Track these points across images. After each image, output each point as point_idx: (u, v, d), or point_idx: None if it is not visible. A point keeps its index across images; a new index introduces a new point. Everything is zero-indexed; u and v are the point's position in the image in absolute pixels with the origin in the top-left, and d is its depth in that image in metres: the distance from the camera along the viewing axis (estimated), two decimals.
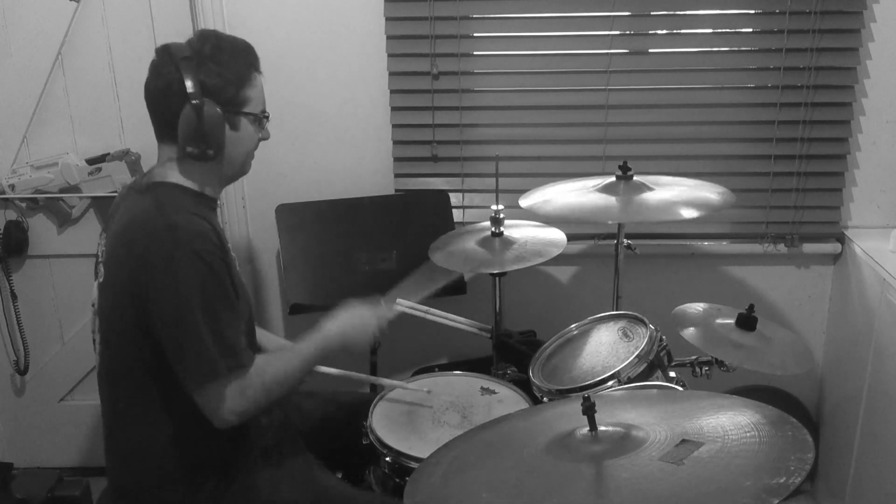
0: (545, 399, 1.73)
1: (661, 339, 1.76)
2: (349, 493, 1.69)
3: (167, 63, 1.52)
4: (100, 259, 1.61)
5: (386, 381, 1.92)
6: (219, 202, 2.44)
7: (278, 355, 1.64)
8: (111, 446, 1.63)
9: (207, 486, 1.59)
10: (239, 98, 1.56)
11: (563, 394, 1.69)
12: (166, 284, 1.45)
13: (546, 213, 2.02)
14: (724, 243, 2.51)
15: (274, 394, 1.56)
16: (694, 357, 1.84)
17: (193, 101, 1.48)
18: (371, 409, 1.81)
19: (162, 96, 1.53)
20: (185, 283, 1.45)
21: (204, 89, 1.50)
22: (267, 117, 1.65)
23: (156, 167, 1.61)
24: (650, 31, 2.36)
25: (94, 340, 1.64)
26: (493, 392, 1.89)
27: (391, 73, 2.41)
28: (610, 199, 1.96)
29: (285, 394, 1.60)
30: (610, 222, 2.25)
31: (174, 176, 1.57)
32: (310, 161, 2.50)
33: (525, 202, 2.06)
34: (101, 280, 1.59)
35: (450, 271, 1.99)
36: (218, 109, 1.51)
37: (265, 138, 1.66)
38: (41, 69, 2.40)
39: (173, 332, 1.46)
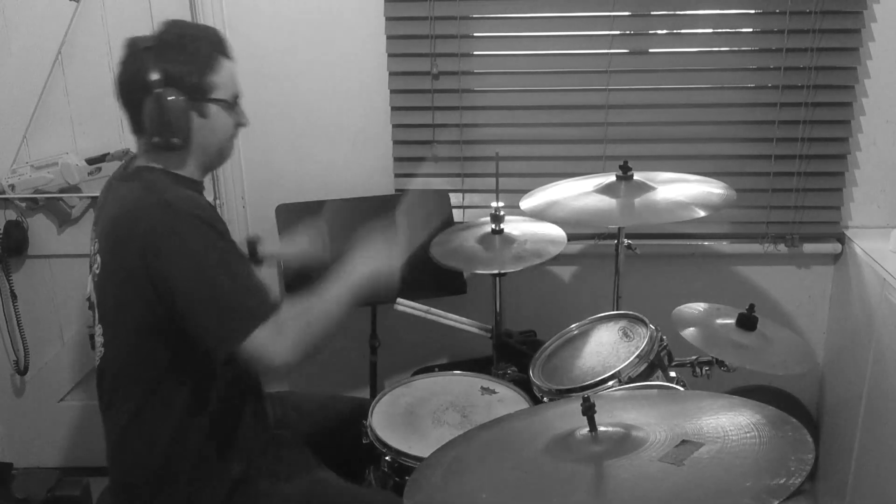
0: (545, 399, 1.73)
1: (661, 339, 1.76)
2: (346, 487, 1.69)
3: (133, 55, 1.52)
4: (93, 251, 1.61)
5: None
6: (218, 201, 2.49)
7: (304, 298, 1.53)
8: (113, 442, 1.63)
9: (208, 482, 1.59)
10: (204, 85, 1.54)
11: (564, 394, 1.68)
12: (178, 257, 1.44)
13: (546, 216, 2.02)
14: (725, 243, 2.51)
15: (314, 332, 1.49)
16: (694, 357, 1.84)
17: (155, 91, 1.48)
18: (371, 408, 1.81)
19: (126, 89, 1.53)
20: (196, 249, 1.44)
21: (166, 78, 1.49)
22: (238, 102, 1.62)
23: (136, 158, 1.62)
24: (650, 31, 2.36)
25: (91, 336, 1.63)
26: (493, 392, 1.89)
27: (391, 73, 2.41)
28: (611, 202, 1.95)
29: (324, 335, 1.51)
30: (611, 227, 2.25)
31: (154, 164, 1.58)
32: (310, 161, 2.50)
33: (525, 205, 2.05)
34: (96, 272, 1.58)
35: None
36: (182, 98, 1.50)
37: (243, 124, 1.64)
38: (41, 69, 2.40)
39: (196, 302, 1.44)
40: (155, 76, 1.48)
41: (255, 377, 1.73)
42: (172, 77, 1.50)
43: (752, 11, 2.32)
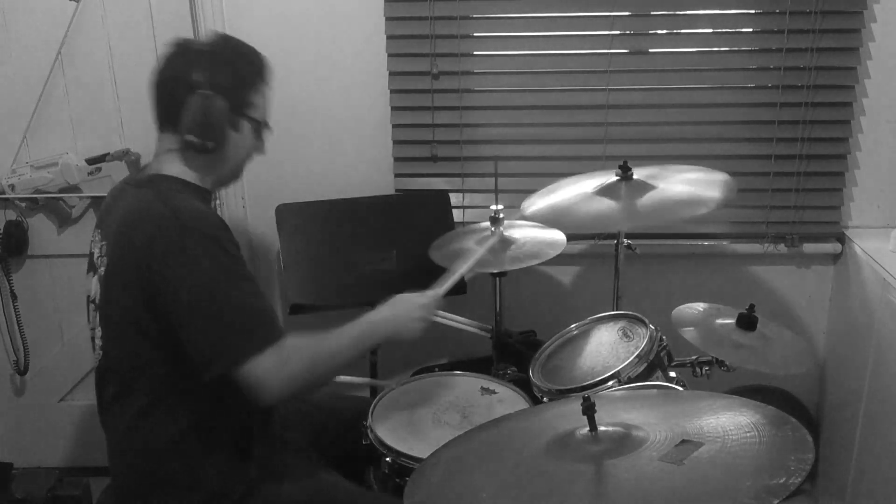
0: (545, 399, 1.73)
1: (661, 339, 1.76)
2: (350, 490, 1.69)
3: (182, 53, 1.56)
4: (98, 254, 1.60)
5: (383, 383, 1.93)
6: (218, 201, 2.49)
7: (318, 335, 1.54)
8: (114, 445, 1.62)
9: (209, 484, 1.58)
10: (246, 100, 1.58)
11: (563, 394, 1.69)
12: (181, 271, 1.43)
13: (547, 220, 2.01)
14: (725, 243, 2.51)
15: (317, 369, 1.52)
16: (694, 357, 1.84)
17: (201, 91, 1.50)
18: (371, 409, 1.81)
19: (170, 84, 1.54)
20: (201, 266, 1.43)
21: (213, 83, 1.52)
22: (268, 127, 1.66)
23: (153, 160, 1.62)
24: (650, 31, 2.36)
25: (92, 337, 1.63)
26: (493, 392, 1.89)
27: (391, 73, 2.41)
28: (611, 204, 1.94)
29: (329, 374, 1.57)
30: (612, 230, 2.24)
31: (172, 168, 1.58)
32: (310, 161, 2.50)
33: (525, 210, 2.04)
34: (101, 273, 1.57)
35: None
36: (226, 104, 1.53)
37: (260, 150, 1.68)
38: (41, 69, 2.40)
39: (196, 317, 1.43)
40: (203, 78, 1.51)
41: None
42: (219, 85, 1.52)
43: (752, 11, 2.32)
